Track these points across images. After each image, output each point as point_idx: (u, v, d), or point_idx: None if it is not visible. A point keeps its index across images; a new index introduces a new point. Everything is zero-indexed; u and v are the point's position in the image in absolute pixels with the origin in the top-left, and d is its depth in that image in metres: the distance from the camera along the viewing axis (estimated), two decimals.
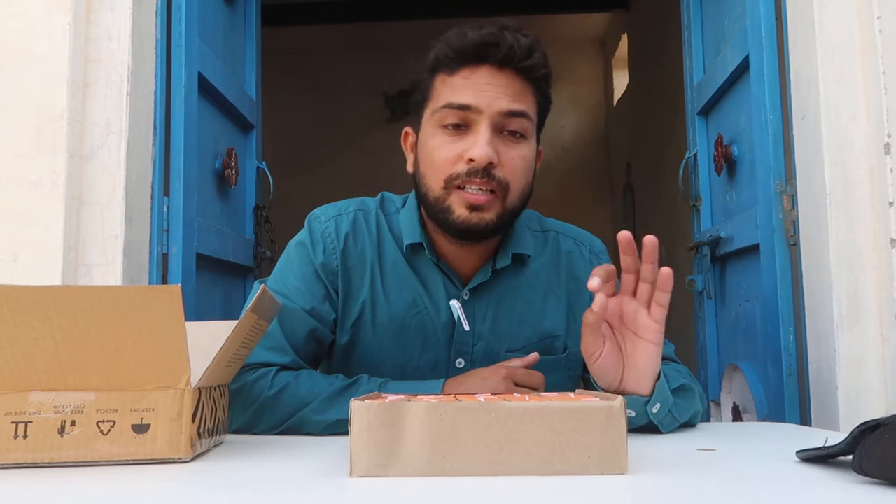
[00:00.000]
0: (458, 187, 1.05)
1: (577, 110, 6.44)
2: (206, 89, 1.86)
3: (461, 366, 1.17)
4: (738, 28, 1.79)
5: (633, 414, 0.98)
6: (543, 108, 1.14)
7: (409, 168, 1.16)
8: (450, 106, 1.05)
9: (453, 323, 1.16)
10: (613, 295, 0.98)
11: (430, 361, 1.17)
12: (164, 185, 1.66)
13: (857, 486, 0.62)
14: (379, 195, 1.23)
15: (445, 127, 1.06)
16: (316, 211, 1.20)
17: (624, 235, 0.93)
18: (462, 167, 1.04)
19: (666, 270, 0.94)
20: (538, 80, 1.09)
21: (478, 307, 1.17)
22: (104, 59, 1.55)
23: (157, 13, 1.67)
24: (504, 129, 1.06)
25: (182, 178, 1.68)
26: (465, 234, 1.08)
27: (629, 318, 0.97)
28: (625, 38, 5.57)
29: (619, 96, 5.85)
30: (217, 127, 1.99)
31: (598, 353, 0.97)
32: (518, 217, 1.14)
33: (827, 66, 1.41)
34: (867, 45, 1.39)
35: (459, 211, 1.05)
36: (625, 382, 0.98)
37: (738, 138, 1.85)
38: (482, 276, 1.16)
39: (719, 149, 1.92)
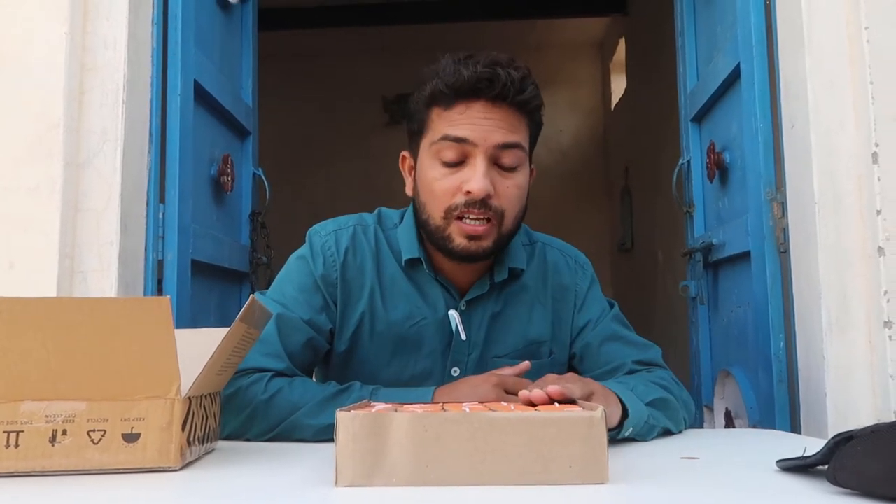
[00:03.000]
0: (458, 217, 1.10)
1: (575, 114, 6.45)
2: (201, 96, 1.87)
3: (456, 374, 1.21)
4: (729, 36, 1.80)
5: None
6: (536, 133, 1.19)
7: (409, 192, 1.21)
8: (447, 139, 1.09)
9: (450, 333, 1.20)
10: None
11: (426, 370, 1.21)
12: (159, 191, 1.68)
13: (831, 497, 0.63)
14: (376, 211, 1.28)
15: (444, 160, 1.11)
16: (316, 226, 1.24)
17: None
18: (460, 199, 1.09)
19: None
20: (531, 111, 1.14)
21: (474, 317, 1.21)
22: (100, 67, 1.56)
23: (153, 21, 1.68)
24: (499, 160, 1.10)
25: (178, 185, 1.69)
26: (464, 259, 1.14)
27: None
28: (622, 42, 5.58)
29: (617, 100, 5.87)
30: (213, 133, 2.00)
31: None
32: (514, 237, 1.19)
33: (816, 76, 1.43)
34: (855, 54, 1.40)
35: (459, 240, 1.11)
36: None
37: (729, 145, 1.86)
38: (479, 289, 1.21)
39: (711, 156, 1.94)
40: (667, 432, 1.09)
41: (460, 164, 1.10)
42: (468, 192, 1.08)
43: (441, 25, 5.38)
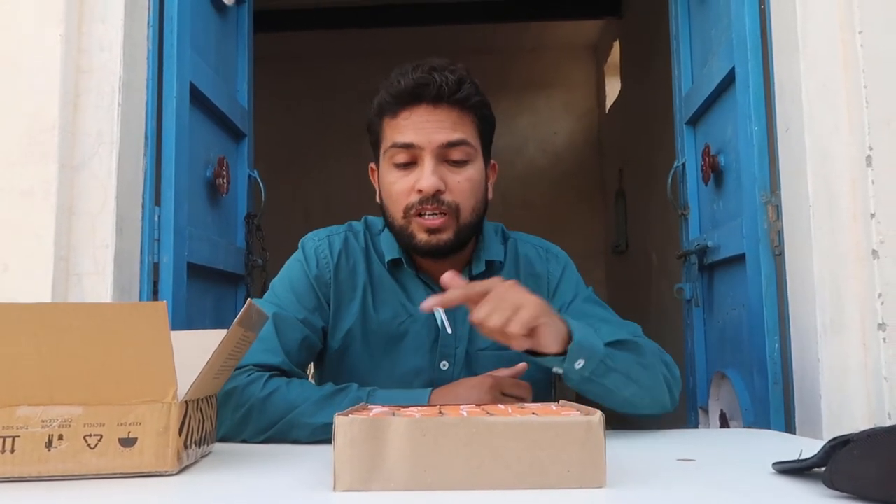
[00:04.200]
0: (416, 215, 1.18)
1: (570, 116, 6.47)
2: (197, 99, 1.87)
3: (445, 367, 1.25)
4: (724, 40, 1.81)
5: (560, 371, 1.02)
6: (485, 129, 1.24)
7: (378, 199, 1.28)
8: (395, 146, 1.18)
9: (437, 328, 1.25)
10: None
11: (416, 365, 1.25)
12: (155, 194, 1.67)
13: (827, 500, 0.64)
14: (363, 219, 1.34)
15: (396, 164, 1.19)
16: (308, 234, 1.31)
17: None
18: (415, 197, 1.17)
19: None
20: (474, 108, 1.20)
21: (458, 311, 1.24)
22: (96, 69, 1.56)
23: (148, 24, 1.68)
24: (448, 157, 1.18)
25: (173, 188, 1.69)
26: (429, 253, 1.20)
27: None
28: (617, 44, 5.60)
29: (612, 102, 5.88)
30: (208, 136, 2.00)
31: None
32: (477, 230, 1.25)
33: (810, 80, 1.43)
34: (849, 59, 1.41)
35: (420, 235, 1.18)
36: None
37: (724, 148, 1.87)
38: None
39: (706, 159, 1.94)
40: (647, 399, 1.10)
41: (412, 166, 1.18)
42: (420, 191, 1.16)
43: (435, 28, 5.39)
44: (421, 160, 1.17)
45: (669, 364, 1.18)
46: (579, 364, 1.01)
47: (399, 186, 1.18)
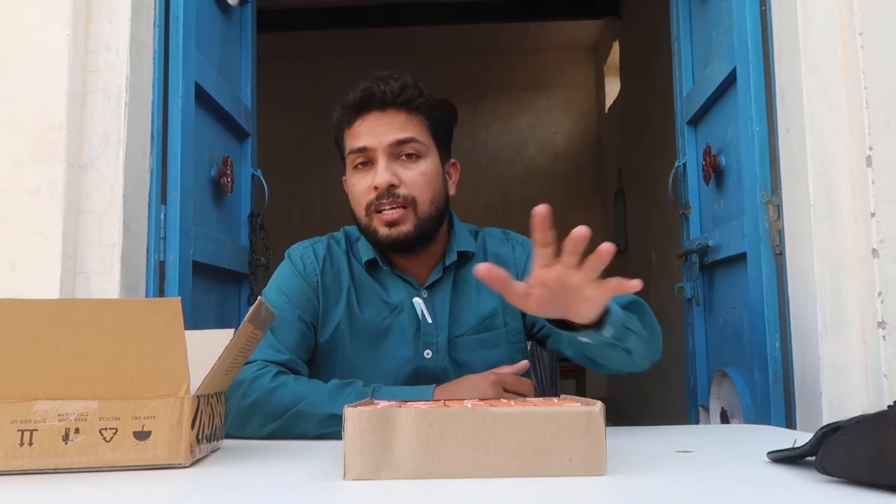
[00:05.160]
0: (376, 211, 1.25)
1: (569, 117, 6.48)
2: (202, 99, 1.88)
3: (429, 356, 1.29)
4: (725, 41, 1.83)
5: (587, 340, 1.01)
6: (436, 128, 1.31)
7: (351, 205, 1.33)
8: (353, 151, 1.27)
9: (418, 320, 1.30)
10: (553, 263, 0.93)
11: (402, 357, 1.30)
12: (161, 193, 1.69)
13: (819, 485, 0.66)
14: (341, 230, 1.41)
15: (356, 168, 1.28)
16: (293, 246, 1.38)
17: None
18: (373, 195, 1.24)
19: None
20: (419, 108, 1.28)
21: (437, 302, 1.32)
22: (102, 69, 1.57)
23: (154, 24, 1.70)
24: (400, 155, 1.26)
25: (179, 187, 1.71)
26: (393, 247, 1.27)
27: (573, 286, 0.93)
28: (616, 45, 5.61)
29: (611, 103, 5.90)
30: (213, 135, 2.02)
31: (526, 306, 0.95)
32: (439, 222, 1.30)
33: (811, 80, 1.45)
34: (850, 60, 1.42)
35: (382, 230, 1.25)
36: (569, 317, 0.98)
37: (725, 149, 1.89)
38: (436, 275, 1.33)
39: (707, 158, 1.96)
40: (648, 355, 1.11)
41: (370, 167, 1.26)
42: (375, 188, 1.23)
43: (437, 28, 5.40)
44: (375, 161, 1.25)
45: (652, 316, 1.17)
46: (609, 333, 1.00)
47: (359, 187, 1.26)
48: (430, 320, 1.28)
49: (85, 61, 1.57)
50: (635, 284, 0.92)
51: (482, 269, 0.89)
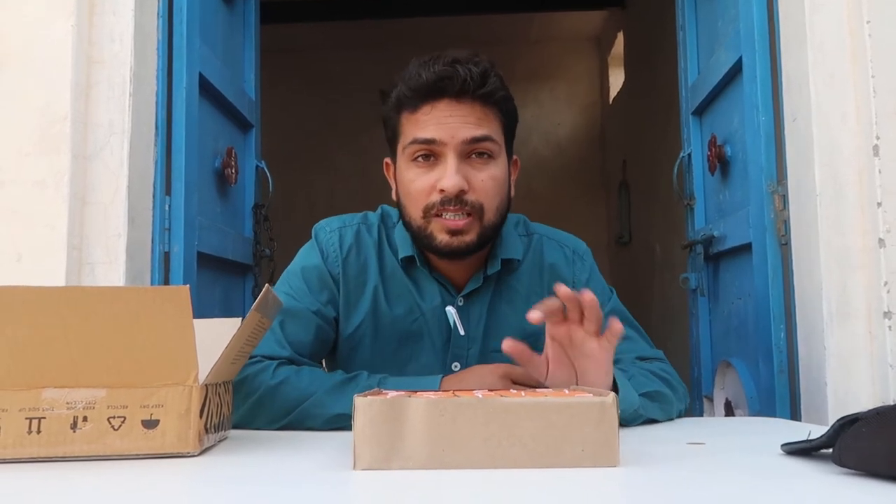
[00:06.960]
0: (437, 215, 1.13)
1: (573, 108, 6.46)
2: (206, 90, 1.88)
3: (457, 368, 1.22)
4: (731, 30, 1.82)
5: None
6: (509, 124, 1.19)
7: (394, 196, 1.23)
8: (416, 142, 1.12)
9: (449, 328, 1.22)
10: (562, 321, 0.99)
11: (427, 365, 1.22)
12: (165, 184, 1.69)
13: (836, 478, 0.65)
14: (379, 209, 1.30)
15: (416, 161, 1.14)
16: (322, 222, 1.26)
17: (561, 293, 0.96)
18: (436, 197, 1.12)
19: (615, 327, 0.96)
20: (498, 102, 1.15)
21: (472, 312, 1.23)
22: (107, 60, 1.57)
23: (158, 15, 1.69)
24: (471, 154, 1.12)
25: (183, 178, 1.71)
26: (449, 256, 1.15)
27: (578, 343, 0.99)
28: (620, 36, 5.59)
29: (615, 94, 5.88)
30: (217, 126, 2.01)
31: (544, 373, 1.02)
32: (500, 230, 1.20)
33: (818, 70, 1.44)
34: (857, 48, 1.42)
35: (441, 237, 1.13)
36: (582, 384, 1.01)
37: (731, 139, 1.88)
38: (475, 283, 1.23)
39: (713, 149, 1.95)
40: (652, 420, 1.11)
41: (433, 163, 1.13)
42: (442, 191, 1.11)
43: (439, 19, 5.38)
44: (443, 157, 1.11)
45: (684, 396, 1.19)
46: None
47: (419, 184, 1.13)
48: (462, 332, 1.19)
49: (89, 53, 1.57)
50: (619, 328, 0.96)
51: (507, 346, 0.95)
